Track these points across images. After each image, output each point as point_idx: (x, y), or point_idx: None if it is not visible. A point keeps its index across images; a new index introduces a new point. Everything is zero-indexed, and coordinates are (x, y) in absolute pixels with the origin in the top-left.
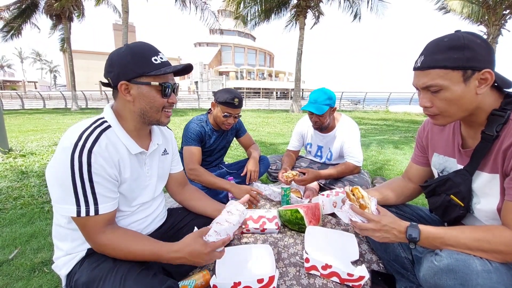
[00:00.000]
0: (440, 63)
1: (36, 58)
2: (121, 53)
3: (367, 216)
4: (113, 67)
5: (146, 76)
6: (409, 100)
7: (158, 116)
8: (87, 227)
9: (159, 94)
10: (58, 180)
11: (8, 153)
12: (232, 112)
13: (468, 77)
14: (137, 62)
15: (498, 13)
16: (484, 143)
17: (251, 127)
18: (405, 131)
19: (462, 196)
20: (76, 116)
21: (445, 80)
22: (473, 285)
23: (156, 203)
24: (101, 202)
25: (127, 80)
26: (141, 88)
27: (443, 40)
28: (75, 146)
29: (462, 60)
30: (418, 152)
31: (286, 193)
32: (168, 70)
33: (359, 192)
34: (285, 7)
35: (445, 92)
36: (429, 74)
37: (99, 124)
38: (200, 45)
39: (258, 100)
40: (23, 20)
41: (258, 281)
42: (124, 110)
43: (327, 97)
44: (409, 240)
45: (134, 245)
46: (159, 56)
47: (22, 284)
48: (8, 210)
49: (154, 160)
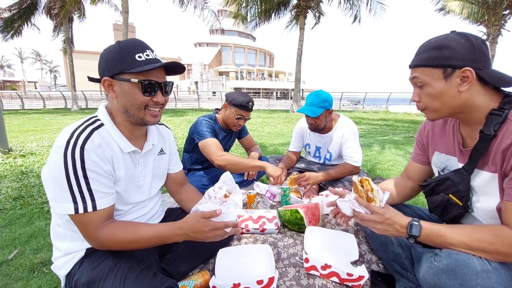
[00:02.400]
0: (423, 61)
1: (36, 58)
2: (110, 49)
3: (371, 208)
4: (101, 62)
5: (127, 73)
6: (409, 100)
7: (142, 115)
8: (86, 224)
9: (139, 91)
10: (54, 179)
11: (8, 153)
12: (245, 115)
13: (448, 75)
14: (120, 58)
15: (498, 14)
16: (482, 142)
17: (251, 127)
18: (405, 131)
19: (461, 195)
20: (76, 116)
21: (427, 77)
22: (473, 285)
23: (153, 202)
24: (98, 197)
25: (110, 76)
26: (123, 84)
27: (430, 41)
28: (67, 143)
29: (440, 59)
30: (418, 151)
31: (286, 193)
32: (146, 67)
33: (369, 184)
34: (285, 7)
35: (428, 88)
36: (416, 71)
37: (91, 122)
38: (200, 45)
39: (258, 100)
40: (24, 20)
41: (258, 282)
42: (113, 108)
43: (322, 99)
44: (409, 235)
45: (137, 231)
46: (145, 53)
47: (22, 285)
48: (8, 210)
49: (148, 160)
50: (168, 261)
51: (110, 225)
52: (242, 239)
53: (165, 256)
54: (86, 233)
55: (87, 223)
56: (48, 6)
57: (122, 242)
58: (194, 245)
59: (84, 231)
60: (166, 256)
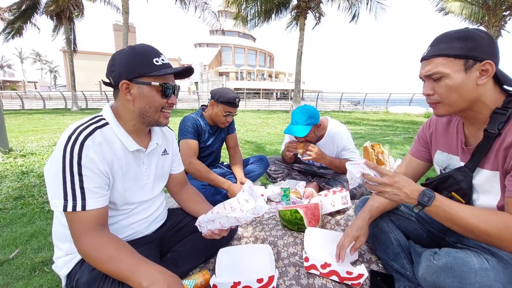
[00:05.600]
0: (443, 51)
1: (36, 58)
2: (123, 53)
3: (380, 170)
4: (115, 66)
5: (147, 76)
6: (409, 101)
7: (157, 117)
8: (73, 223)
9: (159, 94)
10: (53, 174)
11: (8, 153)
12: (233, 111)
13: (469, 67)
14: (139, 62)
15: (498, 14)
16: (486, 141)
17: (251, 127)
18: (405, 132)
19: (463, 193)
20: (76, 116)
21: (447, 68)
22: (471, 283)
23: (157, 203)
24: (89, 197)
25: (128, 79)
26: (142, 88)
27: (450, 32)
28: (69, 139)
29: (464, 49)
30: (420, 147)
31: (285, 193)
32: (169, 71)
33: (380, 148)
34: (285, 8)
35: (446, 79)
36: (433, 62)
37: (96, 121)
38: (200, 46)
39: (258, 100)
40: (24, 20)
41: (258, 280)
42: (123, 110)
43: (308, 116)
44: (418, 203)
45: (112, 259)
46: (160, 58)
47: (23, 284)
48: (9, 210)
49: (152, 160)
50: (169, 260)
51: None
52: (242, 239)
53: (166, 255)
54: (73, 234)
55: (74, 223)
56: (46, 5)
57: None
58: (195, 245)
59: (71, 230)
60: (166, 256)
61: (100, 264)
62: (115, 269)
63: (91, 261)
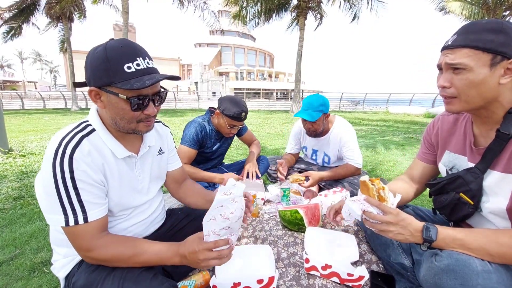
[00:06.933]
0: (472, 42)
1: (36, 58)
2: (95, 54)
3: (384, 208)
4: (86, 69)
5: (114, 86)
6: (409, 101)
7: (133, 126)
8: (77, 237)
9: (128, 106)
10: (44, 189)
11: (8, 153)
12: (237, 124)
13: (496, 63)
14: (106, 68)
15: (498, 15)
16: (499, 142)
17: (251, 127)
18: (404, 132)
19: (472, 194)
20: (76, 116)
21: (472, 61)
22: (473, 285)
23: (154, 205)
24: (89, 209)
25: (96, 86)
26: (110, 97)
27: (481, 21)
28: (56, 153)
29: (495, 43)
30: (425, 149)
31: (285, 194)
32: (135, 85)
33: (379, 183)
34: (285, 8)
35: (468, 73)
36: (458, 52)
37: (81, 129)
38: (200, 46)
39: (258, 100)
40: (24, 20)
41: (258, 281)
42: (103, 115)
43: (319, 103)
44: (424, 240)
45: (139, 247)
46: (135, 62)
47: (22, 284)
48: (8, 210)
49: (146, 163)
50: None
51: (106, 239)
52: (242, 239)
53: None
54: (78, 246)
55: (78, 235)
56: (47, 5)
57: (118, 258)
58: None
59: (76, 244)
60: None
61: (124, 263)
62: (143, 262)
63: (114, 265)
